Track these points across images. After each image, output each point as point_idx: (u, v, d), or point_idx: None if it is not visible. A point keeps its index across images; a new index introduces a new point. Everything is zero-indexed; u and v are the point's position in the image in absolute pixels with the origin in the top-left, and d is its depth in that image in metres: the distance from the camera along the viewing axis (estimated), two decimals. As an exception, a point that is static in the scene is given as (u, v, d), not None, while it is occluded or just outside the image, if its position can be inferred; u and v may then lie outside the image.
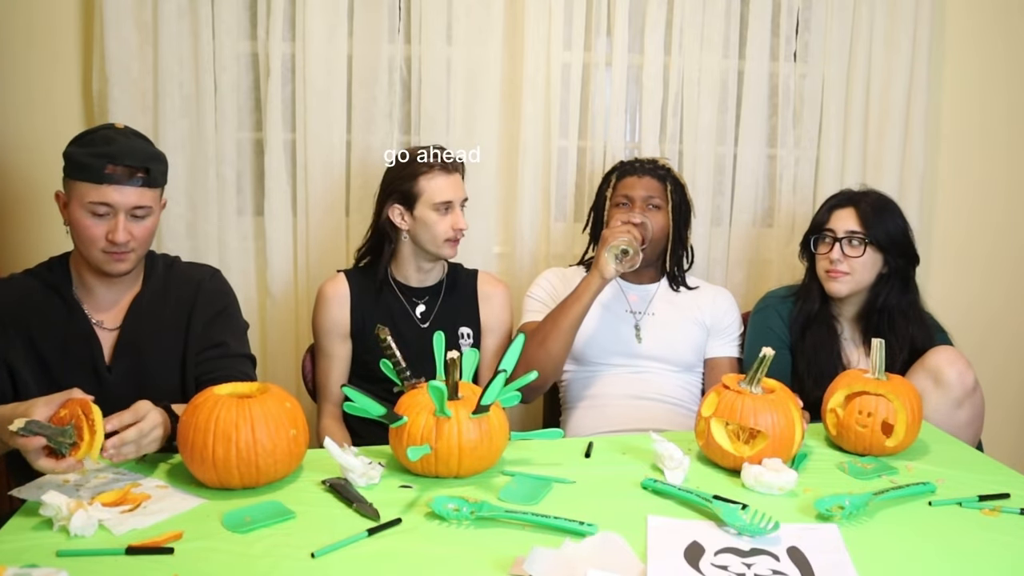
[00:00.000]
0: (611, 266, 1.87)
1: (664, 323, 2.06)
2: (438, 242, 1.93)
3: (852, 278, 1.94)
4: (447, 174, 1.92)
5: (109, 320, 1.63)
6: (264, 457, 1.32)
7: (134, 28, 2.18)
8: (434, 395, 1.37)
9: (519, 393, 1.48)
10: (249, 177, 2.37)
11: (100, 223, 1.53)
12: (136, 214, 1.55)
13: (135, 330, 1.63)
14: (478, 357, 1.58)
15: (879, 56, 2.48)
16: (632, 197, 2.05)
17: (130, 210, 1.53)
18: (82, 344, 1.60)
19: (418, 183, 1.91)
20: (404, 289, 2.01)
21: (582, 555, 1.13)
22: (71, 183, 1.53)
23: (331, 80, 2.27)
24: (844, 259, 1.93)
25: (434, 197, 1.91)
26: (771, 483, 1.38)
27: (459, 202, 1.95)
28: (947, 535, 1.27)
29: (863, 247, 1.92)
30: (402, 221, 1.94)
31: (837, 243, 1.94)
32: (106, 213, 1.52)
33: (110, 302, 1.64)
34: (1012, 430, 2.78)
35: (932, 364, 1.80)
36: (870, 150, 2.53)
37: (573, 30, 2.36)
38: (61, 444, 1.24)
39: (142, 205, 1.54)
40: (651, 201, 2.04)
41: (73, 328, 1.60)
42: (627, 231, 1.88)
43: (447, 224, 1.92)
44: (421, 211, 1.92)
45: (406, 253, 1.99)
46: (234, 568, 1.12)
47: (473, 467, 1.42)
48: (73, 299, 1.61)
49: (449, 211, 1.93)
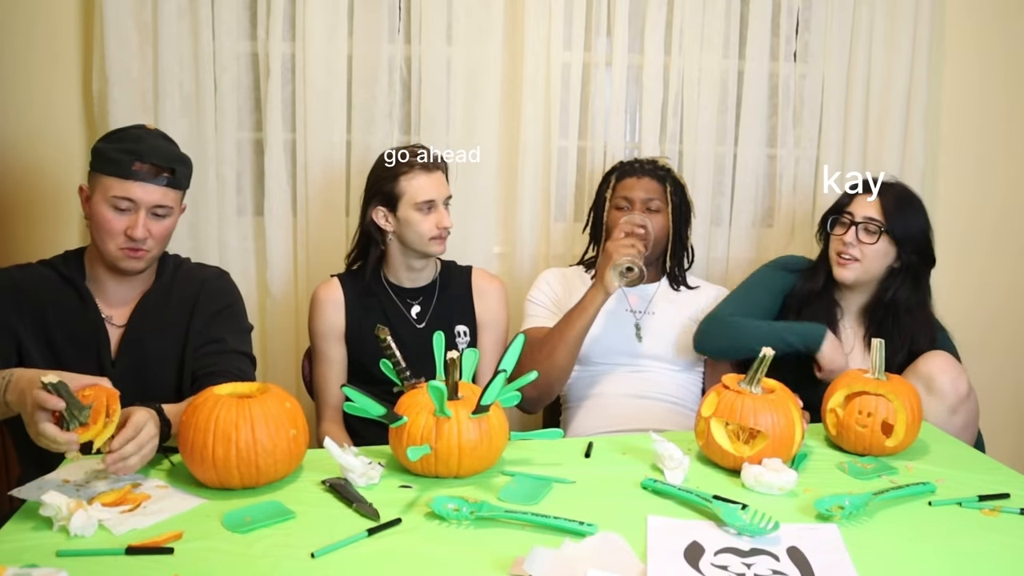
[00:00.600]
0: (615, 284, 1.86)
1: (664, 322, 2.06)
2: (424, 241, 1.92)
3: (861, 265, 1.92)
4: (428, 173, 1.90)
5: (118, 316, 1.66)
6: (264, 457, 1.32)
7: (134, 28, 2.18)
8: (434, 395, 1.37)
9: (519, 393, 1.48)
10: (249, 177, 2.37)
11: (121, 218, 1.56)
12: (157, 212, 1.58)
13: (140, 327, 1.65)
14: (478, 357, 1.58)
15: (879, 56, 2.48)
16: (632, 199, 2.05)
17: (152, 208, 1.57)
18: (91, 336, 1.62)
19: (399, 183, 1.90)
20: (397, 290, 2.01)
21: (582, 555, 1.13)
22: (97, 177, 1.56)
23: (331, 80, 2.27)
24: (857, 244, 1.91)
25: (416, 196, 1.89)
26: (771, 483, 1.38)
27: (442, 200, 1.93)
28: (947, 535, 1.27)
29: (878, 236, 1.90)
30: (386, 223, 1.93)
31: (854, 227, 1.92)
32: (128, 208, 1.55)
33: (120, 299, 1.66)
34: (1012, 430, 2.78)
35: (924, 371, 1.79)
36: (870, 150, 2.52)
37: (573, 30, 2.35)
38: (74, 418, 1.24)
39: (164, 204, 1.58)
40: (651, 203, 2.04)
41: (84, 319, 1.62)
42: (631, 245, 1.87)
43: (431, 223, 1.90)
44: (404, 211, 1.90)
45: (395, 254, 1.98)
46: (234, 568, 1.12)
47: (473, 467, 1.42)
48: (87, 291, 1.64)
49: (432, 210, 1.91)
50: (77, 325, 1.62)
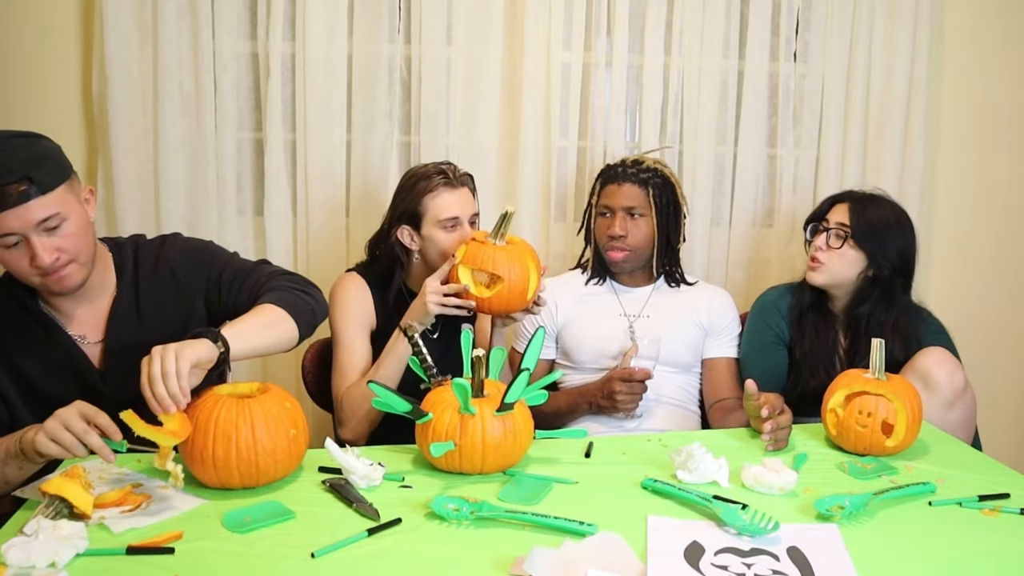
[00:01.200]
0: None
1: (658, 325, 2.04)
2: (446, 259, 1.85)
3: (827, 268, 1.96)
4: (452, 189, 1.86)
5: (91, 332, 1.53)
6: (264, 457, 1.32)
7: (134, 28, 2.18)
8: (459, 392, 1.38)
9: (545, 392, 1.49)
10: (249, 177, 2.37)
11: (18, 252, 1.36)
12: (48, 227, 1.35)
13: (122, 338, 1.52)
14: (504, 355, 1.60)
15: (879, 56, 2.48)
16: (612, 207, 2.02)
17: (37, 227, 1.34)
18: (64, 359, 1.50)
19: (423, 202, 1.85)
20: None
21: (582, 555, 1.13)
22: None
23: (331, 80, 2.27)
24: (826, 249, 1.96)
25: (440, 214, 1.85)
26: (771, 483, 1.39)
27: (467, 218, 1.87)
28: (947, 535, 1.27)
29: (843, 240, 1.94)
30: (411, 242, 1.89)
31: (826, 232, 1.97)
32: (17, 242, 1.34)
33: (85, 314, 1.52)
34: (1013, 431, 2.78)
35: (921, 367, 1.79)
36: (870, 150, 2.53)
37: (573, 30, 2.35)
38: None
39: (48, 215, 1.34)
40: (632, 210, 2.01)
41: (51, 345, 1.49)
42: (631, 400, 1.86)
43: (455, 240, 1.85)
44: (428, 230, 1.86)
45: (417, 269, 1.93)
46: (234, 568, 1.12)
47: (497, 464, 1.43)
48: (44, 316, 1.49)
49: (457, 227, 1.86)
50: (44, 352, 1.48)
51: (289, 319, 1.49)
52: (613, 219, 2.02)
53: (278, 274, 1.61)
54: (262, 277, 1.59)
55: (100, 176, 2.25)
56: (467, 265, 1.77)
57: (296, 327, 1.50)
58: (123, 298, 1.55)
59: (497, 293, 1.76)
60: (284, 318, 1.48)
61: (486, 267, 1.75)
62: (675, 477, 1.43)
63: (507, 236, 1.82)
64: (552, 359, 2.11)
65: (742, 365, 2.07)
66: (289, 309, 1.50)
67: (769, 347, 2.05)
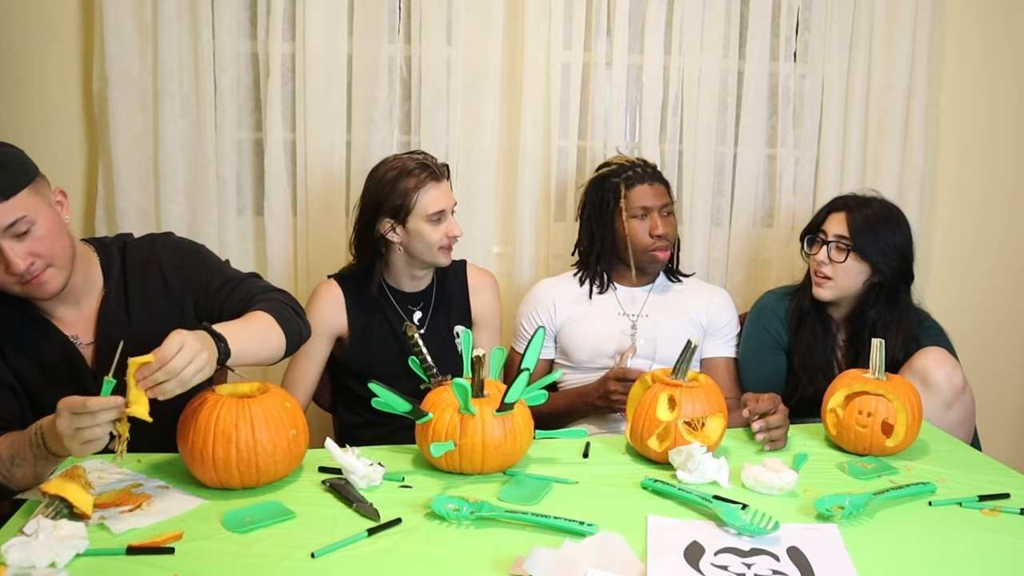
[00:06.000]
0: None
1: (657, 324, 2.04)
2: (432, 251, 1.91)
3: (835, 283, 1.95)
4: (437, 183, 1.88)
5: (83, 334, 1.51)
6: (264, 457, 1.32)
7: (134, 28, 2.18)
8: (459, 392, 1.38)
9: (546, 391, 1.49)
10: (249, 177, 2.37)
11: None
12: (17, 232, 1.31)
13: (112, 337, 1.48)
14: (505, 355, 1.60)
15: (879, 56, 2.48)
16: (650, 207, 2.01)
17: (5, 233, 1.30)
18: (60, 360, 1.48)
19: (409, 197, 1.86)
20: (398, 296, 1.99)
21: (582, 555, 1.13)
22: None
23: (331, 80, 2.27)
24: (830, 263, 1.94)
25: (427, 209, 1.87)
26: (771, 483, 1.39)
27: (450, 209, 1.92)
28: (947, 535, 1.27)
29: (846, 253, 1.92)
30: (394, 234, 1.90)
31: (825, 246, 1.95)
32: None
33: (74, 316, 1.50)
34: (1013, 431, 2.78)
35: (919, 367, 1.79)
36: (870, 150, 2.52)
37: (573, 30, 2.35)
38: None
39: (14, 220, 1.30)
40: (666, 208, 2.03)
41: (49, 345, 1.48)
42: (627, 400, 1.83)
43: (441, 233, 1.89)
44: (414, 223, 1.88)
45: (398, 262, 1.96)
46: (234, 568, 1.13)
47: (497, 464, 1.43)
48: (40, 317, 1.48)
49: (442, 220, 1.90)
50: (41, 352, 1.47)
51: (281, 334, 1.50)
52: (653, 219, 2.01)
53: (270, 288, 1.61)
54: (255, 288, 1.59)
55: (100, 176, 2.25)
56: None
57: (285, 343, 1.51)
58: (111, 298, 1.53)
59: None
60: (276, 331, 1.49)
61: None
62: (675, 477, 1.43)
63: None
64: (551, 359, 2.11)
65: (740, 369, 2.07)
66: (282, 324, 1.50)
67: (767, 352, 2.04)
